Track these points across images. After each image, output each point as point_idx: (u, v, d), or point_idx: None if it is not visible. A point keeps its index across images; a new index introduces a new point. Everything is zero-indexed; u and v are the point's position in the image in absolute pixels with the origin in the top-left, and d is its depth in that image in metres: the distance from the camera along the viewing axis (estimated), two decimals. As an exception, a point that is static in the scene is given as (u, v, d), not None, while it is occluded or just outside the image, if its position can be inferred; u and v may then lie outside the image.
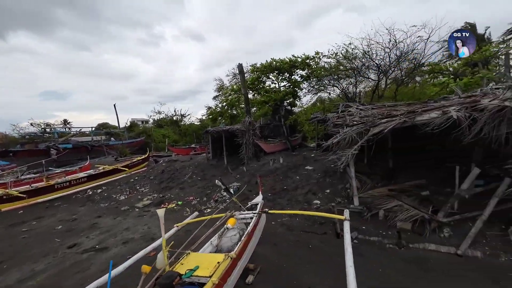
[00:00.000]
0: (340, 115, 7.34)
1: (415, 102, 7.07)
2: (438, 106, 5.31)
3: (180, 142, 30.81)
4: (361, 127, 5.74)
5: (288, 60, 13.56)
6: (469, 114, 4.54)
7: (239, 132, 11.98)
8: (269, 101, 14.18)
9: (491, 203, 4.55)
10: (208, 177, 12.13)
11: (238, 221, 4.96)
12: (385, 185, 7.23)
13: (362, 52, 11.30)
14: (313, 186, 8.70)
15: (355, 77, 11.99)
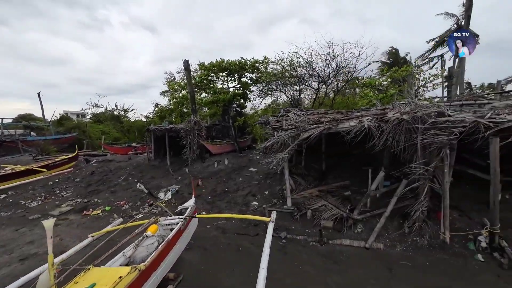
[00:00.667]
0: (278, 119, 7.62)
1: (343, 111, 7.84)
2: (357, 116, 5.96)
3: (122, 140, 27.88)
4: (293, 131, 6.04)
5: (238, 62, 13.60)
6: (378, 124, 5.21)
7: (183, 132, 11.40)
8: (218, 101, 13.93)
9: (392, 201, 5.32)
10: (147, 179, 11.21)
11: (163, 227, 4.63)
12: (317, 186, 7.81)
13: (305, 61, 12.09)
14: (253, 188, 8.84)
15: (299, 84, 12.69)
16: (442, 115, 4.63)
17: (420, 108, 4.89)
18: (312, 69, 11.42)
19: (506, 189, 6.44)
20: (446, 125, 4.41)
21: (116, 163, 13.81)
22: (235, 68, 13.75)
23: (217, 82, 14.90)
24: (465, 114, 4.85)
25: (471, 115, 4.76)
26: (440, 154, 4.51)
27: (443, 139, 4.33)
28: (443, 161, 4.55)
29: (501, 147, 6.46)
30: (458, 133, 4.28)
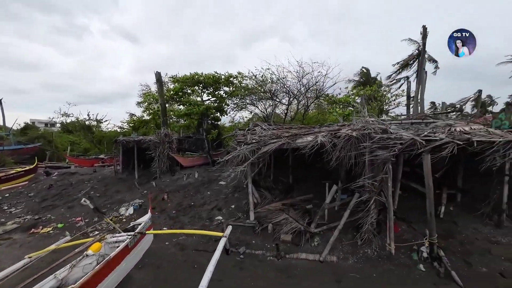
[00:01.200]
0: (244, 133, 7.74)
1: (306, 126, 8.17)
2: (315, 132, 6.25)
3: (92, 151, 26.44)
4: (254, 145, 6.17)
5: (212, 76, 13.79)
6: (331, 140, 5.49)
7: (151, 144, 11.12)
8: (191, 114, 13.88)
9: (345, 214, 5.53)
10: (111, 193, 10.65)
11: (109, 245, 4.40)
12: (282, 199, 7.90)
13: (277, 77, 12.58)
14: (220, 202, 8.72)
15: (271, 99, 13.08)
16: (385, 133, 5.02)
17: (368, 126, 5.25)
18: (282, 85, 11.87)
19: (450, 201, 7.00)
20: (387, 142, 4.77)
21: (80, 176, 13.01)
22: (210, 82, 13.91)
23: (191, 95, 14.90)
24: (407, 132, 5.29)
25: (411, 133, 5.20)
26: (384, 169, 4.83)
27: (385, 155, 4.67)
28: (387, 175, 4.87)
29: (445, 162, 7.07)
30: (396, 150, 4.64)
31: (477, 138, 4.75)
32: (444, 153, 4.62)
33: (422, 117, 7.49)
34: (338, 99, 13.12)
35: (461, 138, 4.62)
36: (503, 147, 4.89)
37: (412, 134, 5.13)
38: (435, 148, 4.78)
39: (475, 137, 4.98)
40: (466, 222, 6.08)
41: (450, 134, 4.90)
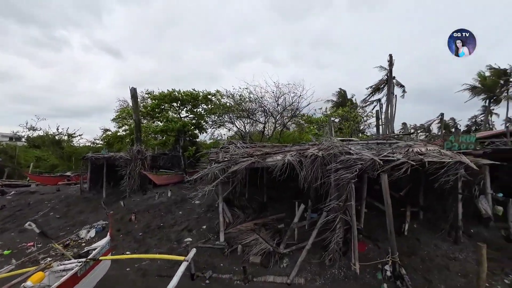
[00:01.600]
0: (218, 151, 7.70)
1: (278, 145, 8.32)
2: (286, 151, 6.37)
3: (60, 168, 24.69)
4: (224, 164, 6.13)
5: (190, 93, 13.85)
6: (299, 159, 5.62)
7: (122, 161, 10.66)
8: (168, 130, 13.64)
9: (313, 234, 5.54)
10: (73, 214, 9.88)
11: (55, 274, 3.99)
12: (254, 218, 7.78)
13: (255, 97, 12.91)
14: (192, 222, 8.39)
15: (248, 118, 13.29)
16: (348, 154, 5.25)
17: (333, 146, 5.47)
18: (259, 104, 12.18)
19: (414, 219, 7.31)
20: (349, 163, 4.98)
21: (40, 195, 11.98)
22: (187, 99, 13.93)
23: (169, 111, 14.75)
24: (370, 152, 5.57)
25: (373, 153, 5.48)
26: (347, 188, 4.99)
27: (347, 175, 4.85)
28: (350, 194, 5.02)
29: (407, 180, 7.45)
30: (357, 170, 4.84)
31: (430, 158, 5.10)
32: (400, 173, 4.90)
33: (387, 138, 7.96)
34: (314, 119, 13.63)
35: (415, 159, 4.95)
36: (453, 167, 5.29)
37: (373, 154, 5.41)
38: (394, 168, 5.06)
39: (428, 157, 5.36)
40: (428, 239, 6.33)
41: (406, 154, 5.23)
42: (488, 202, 6.78)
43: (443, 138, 6.04)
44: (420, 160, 4.89)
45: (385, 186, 4.61)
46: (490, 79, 28.72)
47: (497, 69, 29.05)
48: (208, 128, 16.23)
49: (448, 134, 36.54)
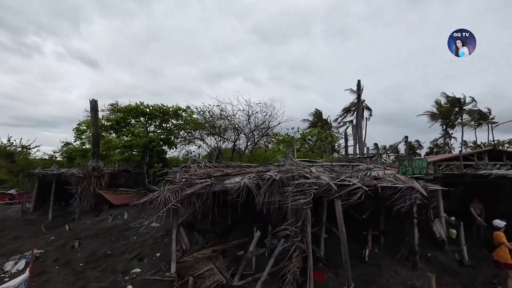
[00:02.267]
0: (178, 171, 7.22)
1: (243, 165, 8.05)
2: (247, 172, 6.10)
3: (8, 183, 21.99)
4: (178, 186, 5.68)
5: (158, 108, 13.34)
6: (257, 182, 5.37)
7: (73, 179, 9.63)
8: (132, 146, 12.81)
9: (269, 263, 5.18)
10: (5, 240, 8.52)
11: None
12: (215, 244, 7.23)
13: (226, 114, 12.74)
14: (145, 249, 7.60)
15: (219, 136, 13.00)
16: (305, 177, 5.12)
17: (291, 169, 5.32)
18: (229, 121, 12.00)
19: (375, 243, 7.28)
20: (305, 187, 4.83)
21: (-31, 217, 10.31)
22: (156, 113, 13.36)
23: (135, 126, 13.99)
24: (328, 175, 5.50)
25: (332, 176, 5.41)
26: (303, 214, 4.78)
27: (302, 200, 4.67)
28: (305, 221, 4.82)
29: (369, 204, 7.48)
30: (313, 194, 4.69)
31: (384, 183, 5.13)
32: (356, 198, 4.83)
33: (350, 160, 8.07)
34: (285, 137, 13.70)
35: (369, 184, 4.94)
36: (407, 192, 5.37)
37: (331, 178, 5.34)
38: (350, 192, 5.00)
39: (383, 182, 5.41)
40: (388, 265, 6.25)
41: (362, 179, 5.22)
42: (442, 226, 6.98)
43: (399, 163, 6.21)
44: (374, 186, 4.88)
45: (339, 213, 4.48)
46: (445, 107, 31.70)
47: (451, 97, 32.32)
48: (178, 144, 15.67)
49: (407, 157, 38.97)
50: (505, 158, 15.29)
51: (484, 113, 33.46)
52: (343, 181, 5.14)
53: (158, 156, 15.75)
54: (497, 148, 17.10)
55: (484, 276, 5.89)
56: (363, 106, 32.87)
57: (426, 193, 5.80)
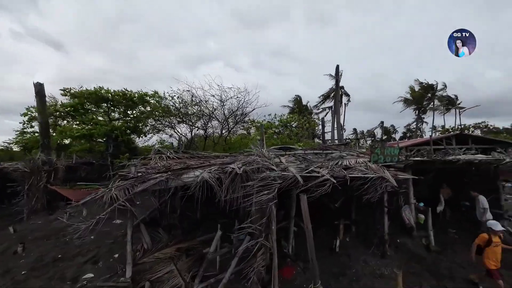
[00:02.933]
0: (132, 165, 6.44)
1: (211, 156, 7.41)
2: (210, 164, 5.49)
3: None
4: (128, 183, 4.97)
5: (122, 93, 12.05)
6: (218, 176, 4.80)
7: (18, 175, 8.45)
8: (93, 135, 11.58)
9: (232, 263, 4.76)
10: None
11: None
12: (179, 242, 6.69)
13: (198, 100, 11.82)
14: (102, 250, 6.89)
15: (190, 123, 12.14)
16: (271, 170, 4.63)
17: (255, 161, 4.80)
18: (199, 108, 11.16)
19: (347, 232, 7.17)
20: (269, 181, 4.36)
21: None
22: (119, 99, 12.09)
23: (96, 113, 12.63)
24: (296, 167, 5.06)
25: (301, 167, 4.98)
26: (268, 210, 4.35)
27: (265, 195, 4.20)
28: (271, 217, 4.39)
29: (341, 192, 7.26)
30: (278, 188, 4.24)
31: (354, 174, 4.80)
32: (323, 190, 4.47)
33: (323, 148, 7.75)
34: (265, 124, 13.15)
35: (339, 175, 4.57)
36: (378, 182, 5.11)
37: (299, 169, 4.91)
38: (319, 184, 4.62)
39: (354, 172, 5.09)
40: (358, 254, 6.14)
41: (331, 170, 4.85)
42: (411, 212, 6.97)
43: (371, 150, 5.94)
44: (343, 177, 4.53)
45: (304, 208, 4.09)
46: (418, 92, 32.78)
47: (423, 84, 33.40)
48: (148, 133, 14.58)
49: (380, 142, 40.58)
50: (470, 142, 16.07)
51: (452, 99, 35.21)
52: (311, 172, 4.73)
53: (126, 146, 14.59)
54: (464, 133, 17.96)
55: (448, 261, 5.97)
56: (342, 92, 33.07)
57: (396, 182, 5.63)
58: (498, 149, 13.58)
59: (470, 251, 4.85)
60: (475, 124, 36.27)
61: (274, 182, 4.25)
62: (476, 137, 18.49)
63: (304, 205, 4.10)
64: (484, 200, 6.62)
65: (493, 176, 7.57)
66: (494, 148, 14.16)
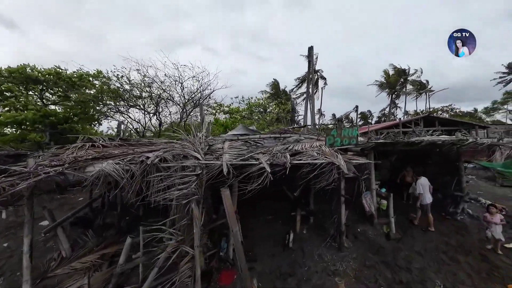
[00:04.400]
0: (32, 157, 5.16)
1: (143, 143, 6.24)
2: (124, 154, 4.38)
3: None
4: (7, 181, 3.75)
5: (54, 72, 10.19)
6: (128, 168, 3.74)
7: None
8: (23, 122, 9.78)
9: (151, 275, 3.82)
10: None
11: None
12: (108, 246, 5.64)
13: (149, 81, 10.36)
14: (13, 260, 5.67)
15: (142, 107, 10.70)
16: (196, 159, 3.65)
17: (173, 148, 3.78)
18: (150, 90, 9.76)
19: (304, 223, 6.53)
20: (187, 172, 3.39)
21: None
22: (53, 80, 10.24)
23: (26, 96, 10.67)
24: (232, 153, 4.12)
25: (236, 154, 4.05)
26: (188, 208, 3.41)
27: (183, 190, 3.25)
28: (192, 217, 3.47)
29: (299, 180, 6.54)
30: (196, 181, 3.30)
31: (300, 160, 3.98)
32: (263, 179, 3.60)
33: (281, 131, 6.89)
34: (233, 109, 12.03)
35: (279, 162, 3.71)
36: (329, 168, 4.35)
37: (238, 156, 3.99)
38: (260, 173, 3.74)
39: (304, 157, 4.28)
40: (314, 249, 5.51)
41: (273, 156, 3.97)
42: (372, 198, 6.45)
43: (326, 133, 5.15)
44: (283, 164, 3.67)
45: (228, 206, 3.19)
46: (393, 77, 33.08)
47: (398, 68, 33.71)
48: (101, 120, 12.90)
49: (338, 125, 41.38)
50: (437, 124, 16.23)
51: (424, 84, 36.14)
52: (249, 159, 3.82)
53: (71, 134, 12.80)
54: (431, 115, 18.17)
55: (406, 249, 5.53)
56: (318, 75, 32.46)
57: (356, 167, 4.96)
58: (462, 130, 13.75)
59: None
60: (442, 107, 37.81)
61: (191, 173, 3.29)
62: (443, 119, 18.84)
63: (227, 201, 3.21)
64: (423, 184, 6.21)
65: (456, 158, 7.24)
66: (460, 130, 14.34)
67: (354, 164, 4.47)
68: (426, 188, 6.23)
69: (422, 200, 6.25)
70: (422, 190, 6.21)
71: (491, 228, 5.21)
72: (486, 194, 9.06)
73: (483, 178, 11.47)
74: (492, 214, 5.21)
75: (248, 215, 7.02)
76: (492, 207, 5.32)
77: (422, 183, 6.26)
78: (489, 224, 5.23)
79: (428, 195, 6.21)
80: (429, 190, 6.29)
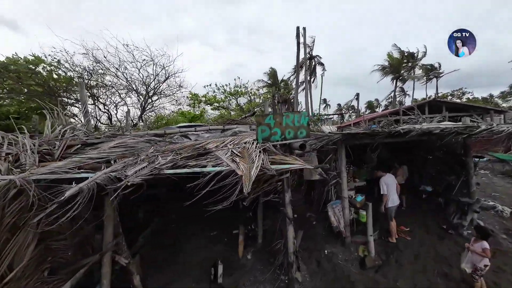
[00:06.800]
0: None
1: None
2: None
3: None
4: None
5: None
6: None
7: None
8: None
9: None
10: None
11: None
12: None
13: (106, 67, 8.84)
14: None
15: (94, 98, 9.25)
16: None
17: None
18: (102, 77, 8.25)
19: (249, 245, 4.95)
20: None
21: None
22: None
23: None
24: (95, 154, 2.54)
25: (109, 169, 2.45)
26: None
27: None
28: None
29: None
30: None
31: (189, 168, 2.36)
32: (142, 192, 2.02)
33: (225, 124, 5.26)
34: (210, 98, 10.43)
35: (159, 170, 2.11)
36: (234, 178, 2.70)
37: (108, 173, 2.41)
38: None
39: (210, 160, 2.65)
40: (254, 286, 3.96)
41: (153, 161, 2.36)
42: (344, 209, 4.80)
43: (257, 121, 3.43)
44: (157, 174, 2.07)
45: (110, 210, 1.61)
46: (396, 59, 30.41)
47: (402, 50, 30.86)
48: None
49: (373, 112, 38.67)
50: (444, 109, 14.10)
51: (435, 67, 33.13)
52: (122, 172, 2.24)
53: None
54: (438, 99, 15.98)
55: (389, 284, 3.90)
56: (316, 61, 30.08)
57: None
58: (474, 116, 11.67)
59: None
60: (452, 91, 34.76)
61: None
62: (451, 103, 16.58)
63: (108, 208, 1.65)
64: (389, 184, 4.79)
65: (462, 151, 5.44)
66: (471, 116, 12.26)
67: (283, 170, 2.80)
68: (392, 188, 4.83)
69: (386, 203, 4.79)
70: (386, 190, 4.74)
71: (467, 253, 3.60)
72: (504, 196, 7.17)
73: (499, 173, 9.51)
74: (476, 241, 3.55)
75: (186, 230, 5.52)
76: (479, 231, 3.63)
77: (387, 182, 4.80)
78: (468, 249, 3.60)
79: (394, 196, 4.84)
80: (396, 191, 4.89)
